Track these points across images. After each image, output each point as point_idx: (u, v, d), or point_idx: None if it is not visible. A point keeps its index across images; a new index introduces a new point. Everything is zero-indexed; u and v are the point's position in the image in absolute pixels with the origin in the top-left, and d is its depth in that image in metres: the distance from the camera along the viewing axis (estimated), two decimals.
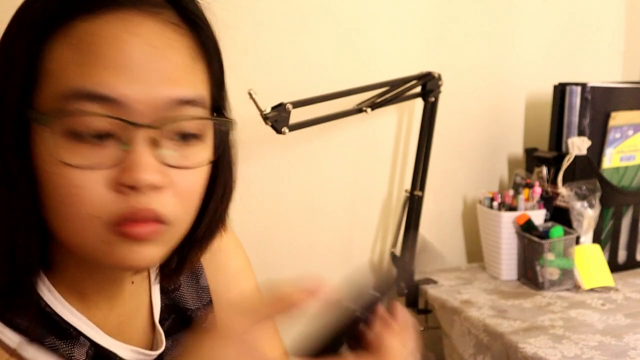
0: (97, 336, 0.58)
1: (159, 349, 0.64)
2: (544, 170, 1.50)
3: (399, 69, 1.43)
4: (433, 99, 1.41)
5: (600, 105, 1.47)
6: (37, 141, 0.50)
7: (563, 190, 1.44)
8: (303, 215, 1.46)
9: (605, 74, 1.79)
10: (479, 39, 1.60)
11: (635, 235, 1.54)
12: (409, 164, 1.54)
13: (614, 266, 1.48)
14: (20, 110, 0.51)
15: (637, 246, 1.55)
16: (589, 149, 1.45)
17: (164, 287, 0.68)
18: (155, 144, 0.50)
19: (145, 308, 0.66)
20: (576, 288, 1.38)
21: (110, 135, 0.50)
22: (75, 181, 0.49)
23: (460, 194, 1.65)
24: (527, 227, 1.40)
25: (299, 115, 1.20)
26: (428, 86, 1.40)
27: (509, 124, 1.69)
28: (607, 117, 1.48)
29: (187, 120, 0.53)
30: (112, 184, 0.50)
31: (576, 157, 1.44)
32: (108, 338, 0.59)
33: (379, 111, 1.38)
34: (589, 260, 1.40)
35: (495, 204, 1.46)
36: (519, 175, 1.55)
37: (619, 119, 1.48)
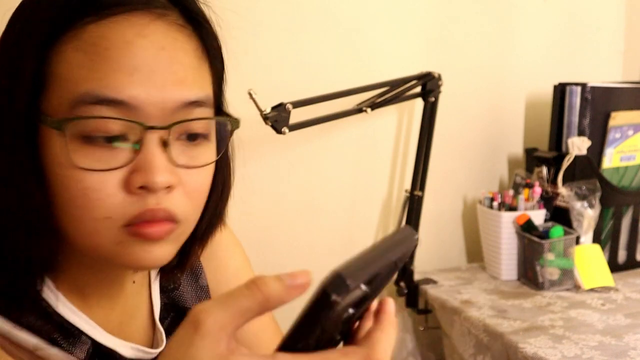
0: (99, 335, 0.58)
1: (159, 347, 0.64)
2: (544, 170, 1.50)
3: (399, 69, 1.43)
4: (433, 99, 1.41)
5: (600, 105, 1.47)
6: (48, 145, 0.51)
7: (563, 190, 1.44)
8: (303, 215, 1.46)
9: (605, 74, 1.79)
10: (479, 39, 1.60)
11: (635, 235, 1.54)
12: (409, 164, 1.54)
13: (614, 266, 1.48)
14: (30, 114, 0.51)
15: (637, 246, 1.55)
16: (589, 149, 1.45)
17: (163, 287, 0.68)
18: (165, 144, 0.51)
19: (146, 307, 0.66)
20: (576, 288, 1.38)
21: (120, 137, 0.50)
22: (89, 184, 0.50)
23: (460, 194, 1.65)
24: (527, 227, 1.40)
25: (299, 115, 1.20)
26: (428, 86, 1.40)
27: (509, 124, 1.69)
28: (607, 117, 1.48)
29: (197, 120, 0.53)
30: (125, 185, 0.50)
31: (576, 157, 1.44)
32: (109, 336, 0.59)
33: (379, 111, 1.38)
34: (589, 260, 1.40)
35: (495, 204, 1.46)
36: (519, 175, 1.55)
37: (619, 119, 1.48)
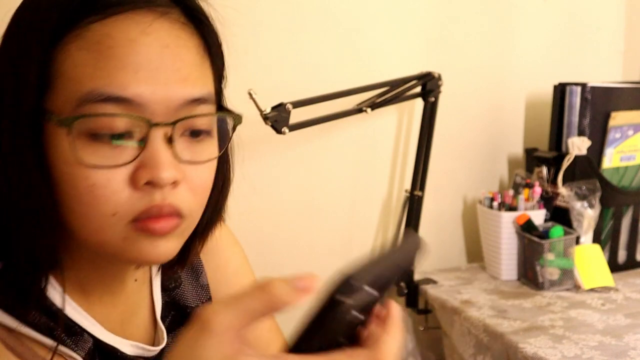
0: (100, 333, 0.59)
1: (160, 345, 0.65)
2: (544, 170, 1.50)
3: (399, 69, 1.43)
4: (433, 99, 1.41)
5: (600, 105, 1.47)
6: (54, 142, 0.51)
7: (563, 190, 1.44)
8: (303, 215, 1.46)
9: (605, 74, 1.79)
10: (479, 39, 1.60)
11: (635, 235, 1.54)
12: (409, 164, 1.54)
13: (614, 266, 1.48)
14: (35, 113, 0.51)
15: (637, 246, 1.55)
16: (589, 149, 1.45)
17: (164, 285, 0.69)
18: (170, 140, 0.52)
19: (147, 305, 0.67)
20: (576, 288, 1.38)
21: (126, 133, 0.51)
22: (96, 181, 0.50)
23: (460, 194, 1.65)
24: (527, 227, 1.40)
25: (299, 115, 1.20)
26: (428, 86, 1.40)
27: (509, 124, 1.69)
28: (607, 117, 1.48)
29: (201, 117, 0.54)
30: (132, 182, 0.51)
31: (576, 157, 1.44)
32: (110, 334, 0.60)
33: (379, 111, 1.38)
34: (589, 260, 1.40)
35: (495, 204, 1.46)
36: (519, 175, 1.55)
37: (619, 119, 1.48)
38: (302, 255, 1.46)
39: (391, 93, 1.35)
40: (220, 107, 0.60)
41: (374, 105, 1.32)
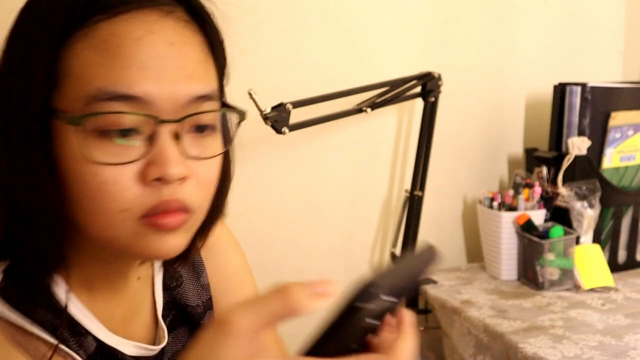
0: (102, 334, 0.59)
1: (161, 344, 0.66)
2: (544, 170, 1.50)
3: (399, 69, 1.43)
4: (433, 99, 1.41)
5: (600, 105, 1.47)
6: (62, 140, 0.52)
7: (563, 190, 1.44)
8: (303, 215, 1.46)
9: (605, 74, 1.79)
10: (479, 39, 1.60)
11: (635, 235, 1.54)
12: (409, 164, 1.54)
13: (614, 266, 1.48)
14: (43, 111, 0.52)
15: (637, 246, 1.55)
16: (589, 149, 1.45)
17: (166, 284, 0.70)
18: (177, 137, 0.53)
19: (149, 304, 0.68)
20: (576, 288, 1.38)
21: (134, 131, 0.52)
22: (106, 178, 0.51)
23: (460, 194, 1.65)
24: (527, 227, 1.40)
25: (299, 115, 1.20)
26: (428, 86, 1.40)
27: (509, 124, 1.69)
28: (607, 117, 1.48)
29: (207, 113, 0.55)
30: (141, 178, 0.52)
31: (576, 157, 1.44)
32: (113, 336, 0.60)
33: (379, 111, 1.38)
34: (589, 260, 1.40)
35: (495, 204, 1.46)
36: (519, 175, 1.55)
37: (619, 119, 1.48)
38: (302, 255, 1.46)
39: (391, 93, 1.35)
40: (223, 104, 0.61)
41: (374, 105, 1.32)
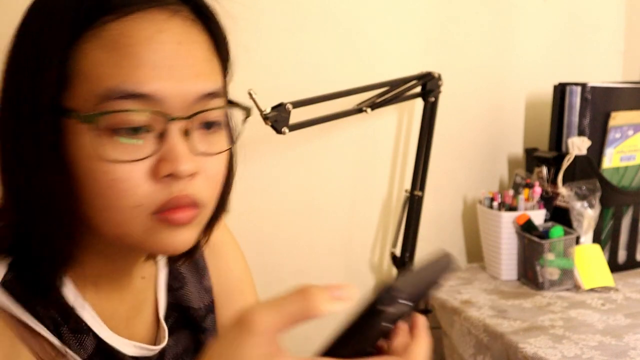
0: (104, 333, 0.60)
1: (162, 344, 0.66)
2: (544, 170, 1.50)
3: (399, 69, 1.43)
4: (433, 99, 1.41)
5: (600, 105, 1.47)
6: (73, 138, 0.52)
7: (563, 190, 1.44)
8: (303, 215, 1.46)
9: (605, 74, 1.79)
10: (479, 39, 1.60)
11: (635, 235, 1.54)
12: (409, 164, 1.54)
13: (614, 266, 1.48)
14: (54, 110, 0.52)
15: (637, 246, 1.55)
16: (589, 149, 1.45)
17: (169, 285, 0.70)
18: (186, 134, 0.54)
19: (151, 304, 0.68)
20: (576, 288, 1.38)
21: (145, 128, 0.53)
22: (118, 175, 0.52)
23: (460, 194, 1.65)
24: (527, 227, 1.40)
25: (299, 115, 1.20)
26: (428, 86, 1.40)
27: (509, 124, 1.69)
28: (607, 117, 1.48)
29: (215, 110, 0.56)
30: (152, 175, 0.53)
31: (576, 157, 1.44)
32: (114, 336, 0.61)
33: (379, 111, 1.38)
34: (589, 260, 1.40)
35: (495, 204, 1.46)
36: (519, 175, 1.55)
37: (619, 119, 1.48)
38: (302, 255, 1.46)
39: (391, 93, 1.35)
40: (228, 101, 0.62)
41: (374, 105, 1.32)
